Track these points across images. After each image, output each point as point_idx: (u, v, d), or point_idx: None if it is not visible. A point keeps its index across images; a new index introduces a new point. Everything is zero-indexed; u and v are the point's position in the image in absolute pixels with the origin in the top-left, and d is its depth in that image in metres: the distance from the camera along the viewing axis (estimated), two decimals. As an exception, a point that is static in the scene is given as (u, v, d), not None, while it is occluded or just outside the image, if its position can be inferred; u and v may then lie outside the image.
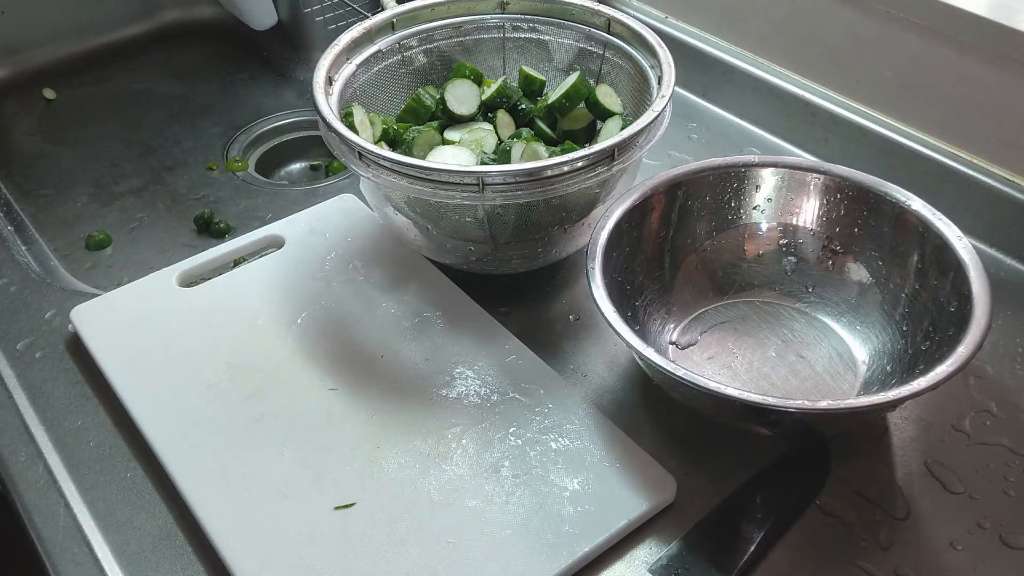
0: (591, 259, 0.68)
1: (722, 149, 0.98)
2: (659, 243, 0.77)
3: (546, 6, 0.86)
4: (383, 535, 0.61)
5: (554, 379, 0.71)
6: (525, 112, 0.84)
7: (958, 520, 0.63)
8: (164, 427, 0.68)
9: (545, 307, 0.81)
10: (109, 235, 0.96)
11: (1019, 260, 0.83)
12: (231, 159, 1.09)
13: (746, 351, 0.75)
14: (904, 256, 0.72)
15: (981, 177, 0.84)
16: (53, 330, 0.79)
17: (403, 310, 0.78)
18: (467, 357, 0.73)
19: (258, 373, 0.72)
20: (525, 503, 0.63)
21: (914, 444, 0.68)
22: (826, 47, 0.94)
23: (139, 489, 0.66)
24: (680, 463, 0.66)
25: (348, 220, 0.87)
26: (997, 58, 0.81)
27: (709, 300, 0.78)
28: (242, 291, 0.80)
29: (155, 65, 1.28)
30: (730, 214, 0.78)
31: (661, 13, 1.10)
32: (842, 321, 0.76)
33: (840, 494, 0.65)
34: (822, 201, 0.76)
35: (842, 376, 0.72)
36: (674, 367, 0.61)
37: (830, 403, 0.60)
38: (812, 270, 0.78)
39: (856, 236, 0.75)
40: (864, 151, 0.92)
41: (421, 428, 0.68)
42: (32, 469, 0.68)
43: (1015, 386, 0.72)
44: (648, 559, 0.61)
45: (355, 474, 0.65)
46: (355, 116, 0.77)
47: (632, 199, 0.73)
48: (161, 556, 0.62)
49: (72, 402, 0.72)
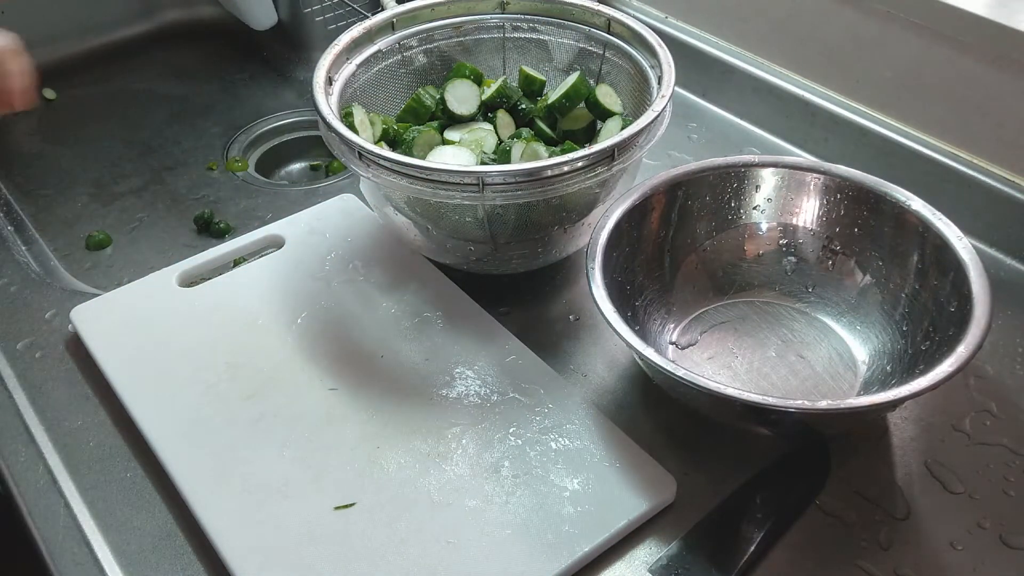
0: (591, 259, 0.68)
1: (722, 149, 0.98)
2: (659, 243, 0.77)
3: (546, 6, 0.86)
4: (383, 535, 0.61)
5: (554, 379, 0.71)
6: (525, 112, 0.84)
7: (958, 520, 0.63)
8: (164, 427, 0.68)
9: (545, 307, 0.81)
10: (109, 235, 0.96)
11: (1019, 260, 0.83)
12: (231, 159, 1.09)
13: (746, 351, 0.75)
14: (904, 256, 0.72)
15: (981, 177, 0.84)
16: (53, 330, 0.79)
17: (403, 310, 0.78)
18: (467, 357, 0.73)
19: (258, 373, 0.72)
20: (525, 503, 0.63)
21: (914, 444, 0.68)
22: (826, 47, 0.94)
23: (139, 489, 0.66)
24: (680, 463, 0.66)
25: (348, 220, 0.87)
26: (997, 58, 0.81)
27: (709, 300, 0.79)
28: (242, 291, 0.80)
29: (155, 65, 1.28)
30: (730, 214, 0.78)
31: (661, 13, 1.10)
32: (842, 321, 0.76)
33: (840, 494, 0.65)
34: (822, 201, 0.76)
35: (842, 376, 0.72)
36: (674, 367, 0.61)
37: (830, 403, 0.60)
38: (812, 270, 0.78)
39: (856, 236, 0.75)
40: (864, 151, 0.92)
41: (421, 428, 0.68)
42: (32, 469, 0.68)
43: (1015, 386, 0.72)
44: (648, 559, 0.61)
45: (355, 474, 0.65)
46: (355, 116, 0.77)
47: (632, 199, 0.73)
48: (161, 556, 0.62)
49: (72, 402, 0.72)
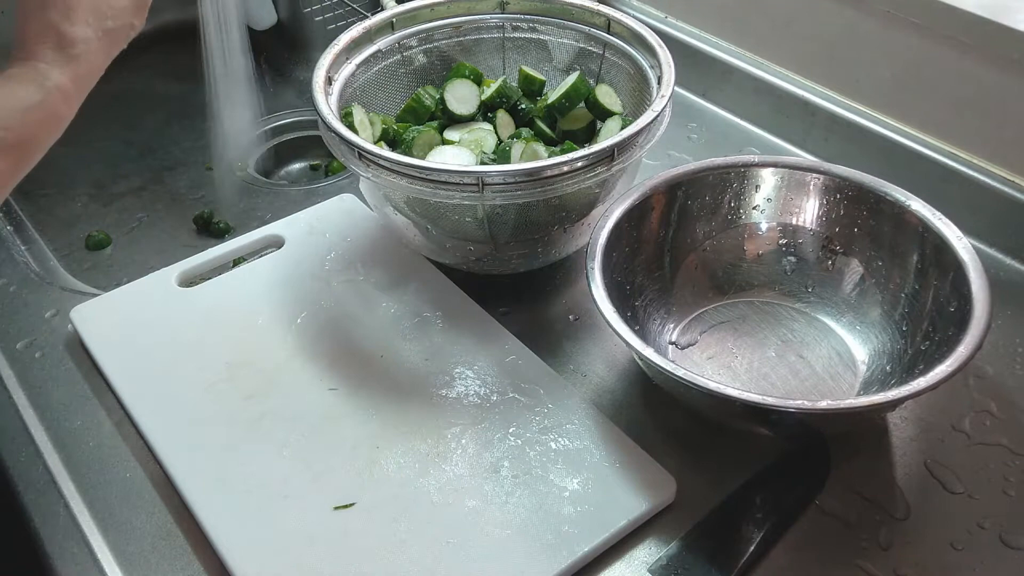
0: (591, 259, 0.68)
1: (722, 149, 0.98)
2: (659, 243, 0.77)
3: (546, 6, 0.86)
4: (383, 535, 0.61)
5: (554, 379, 0.71)
6: (525, 112, 0.84)
7: (958, 520, 0.63)
8: (164, 427, 0.68)
9: (545, 307, 0.81)
10: (109, 235, 0.96)
11: (1019, 260, 0.83)
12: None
13: (746, 351, 0.75)
14: (904, 256, 0.72)
15: (981, 177, 0.84)
16: (53, 330, 0.79)
17: (403, 310, 0.78)
18: (467, 357, 0.73)
19: (258, 373, 0.72)
20: (525, 503, 0.63)
21: (914, 444, 0.68)
22: (826, 47, 0.94)
23: (139, 489, 0.66)
24: (680, 463, 0.66)
25: (348, 220, 0.87)
26: (997, 58, 0.81)
27: (709, 300, 0.78)
28: (242, 291, 0.80)
29: (155, 65, 1.28)
30: (730, 214, 0.78)
31: (661, 13, 1.10)
32: (842, 321, 0.76)
33: (840, 494, 0.65)
34: (822, 201, 0.76)
35: (842, 376, 0.72)
36: (674, 367, 0.61)
37: (830, 403, 0.60)
38: (812, 270, 0.78)
39: (856, 236, 0.75)
40: (864, 151, 0.92)
41: (421, 428, 0.68)
42: (32, 469, 0.68)
43: (1015, 386, 0.72)
44: (648, 559, 0.61)
45: (355, 474, 0.65)
46: (355, 116, 0.77)
47: (632, 199, 0.73)
48: (161, 556, 0.62)
49: (72, 402, 0.72)
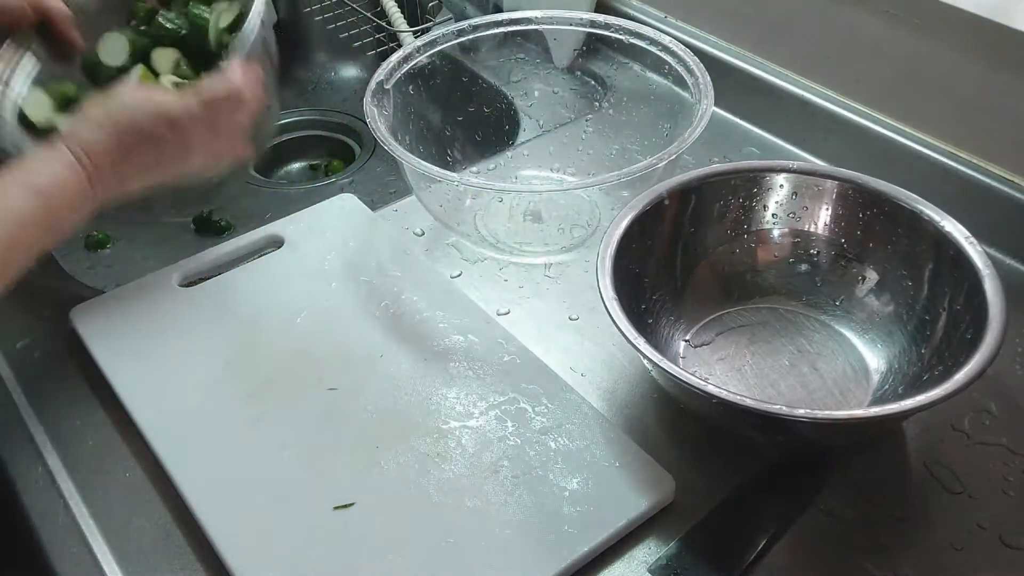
0: (601, 261, 0.68)
1: (722, 149, 0.98)
2: (671, 246, 0.76)
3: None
4: (383, 535, 0.61)
5: (554, 379, 0.71)
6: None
7: (958, 520, 0.63)
8: (164, 427, 0.68)
9: (545, 307, 0.81)
10: (109, 235, 0.96)
11: (1019, 260, 0.83)
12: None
13: (759, 357, 0.74)
14: (934, 279, 0.70)
15: (981, 177, 0.84)
16: (52, 330, 0.78)
17: (403, 310, 0.78)
18: (467, 357, 0.73)
19: (258, 373, 0.72)
20: (525, 503, 0.63)
21: (914, 444, 0.68)
22: (826, 47, 0.94)
23: (139, 489, 0.66)
24: (680, 463, 0.66)
25: (348, 220, 0.87)
26: (997, 58, 0.81)
27: (732, 303, 0.77)
28: (242, 291, 0.80)
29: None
30: (749, 218, 0.77)
31: (660, 13, 1.10)
32: (864, 338, 0.74)
33: (840, 494, 0.65)
34: (856, 216, 0.74)
35: (852, 392, 0.70)
36: (668, 364, 0.61)
37: (806, 411, 0.59)
38: (842, 284, 0.75)
39: (888, 254, 0.73)
40: (864, 151, 0.92)
41: (421, 428, 0.68)
42: (32, 469, 0.68)
43: (1015, 386, 0.72)
44: (648, 559, 0.61)
45: (355, 474, 0.65)
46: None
47: (644, 203, 0.73)
48: (161, 556, 0.62)
49: (72, 402, 0.72)
